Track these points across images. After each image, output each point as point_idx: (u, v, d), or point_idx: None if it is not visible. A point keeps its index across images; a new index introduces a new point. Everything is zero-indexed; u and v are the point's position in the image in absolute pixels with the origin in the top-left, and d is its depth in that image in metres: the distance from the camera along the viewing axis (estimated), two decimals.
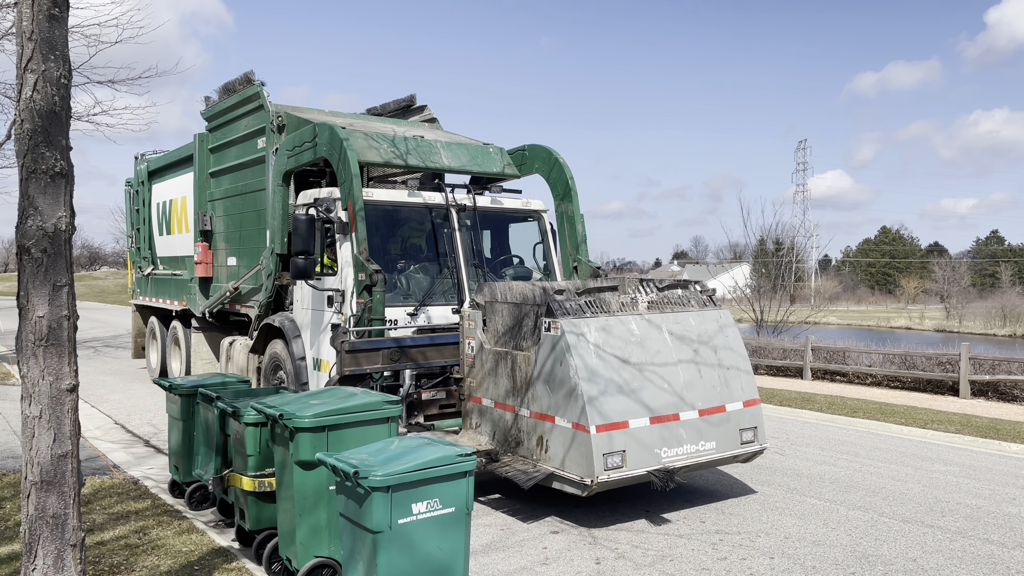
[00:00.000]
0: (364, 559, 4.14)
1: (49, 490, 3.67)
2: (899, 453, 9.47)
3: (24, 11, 3.56)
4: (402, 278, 8.57)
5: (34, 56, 3.57)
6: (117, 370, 16.35)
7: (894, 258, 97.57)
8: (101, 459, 8.46)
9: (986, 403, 13.98)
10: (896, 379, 16.00)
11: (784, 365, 17.52)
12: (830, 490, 7.72)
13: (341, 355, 7.42)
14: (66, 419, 3.71)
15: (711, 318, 7.24)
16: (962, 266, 75.54)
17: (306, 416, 4.89)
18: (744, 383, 7.11)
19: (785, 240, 34.79)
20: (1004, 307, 54.51)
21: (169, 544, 5.77)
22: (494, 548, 6.00)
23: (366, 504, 4.05)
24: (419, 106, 11.86)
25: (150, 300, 14.46)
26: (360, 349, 7.49)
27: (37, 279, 3.64)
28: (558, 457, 6.32)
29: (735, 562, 5.73)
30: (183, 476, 6.94)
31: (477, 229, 9.16)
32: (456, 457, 4.27)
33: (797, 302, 34.66)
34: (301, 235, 7.87)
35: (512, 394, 6.87)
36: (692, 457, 6.62)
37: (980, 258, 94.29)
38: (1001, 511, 7.10)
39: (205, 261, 11.63)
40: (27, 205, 3.61)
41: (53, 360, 3.67)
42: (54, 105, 3.63)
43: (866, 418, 11.92)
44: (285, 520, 5.09)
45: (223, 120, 11.13)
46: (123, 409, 11.81)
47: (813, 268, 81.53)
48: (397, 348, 7.71)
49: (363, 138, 8.70)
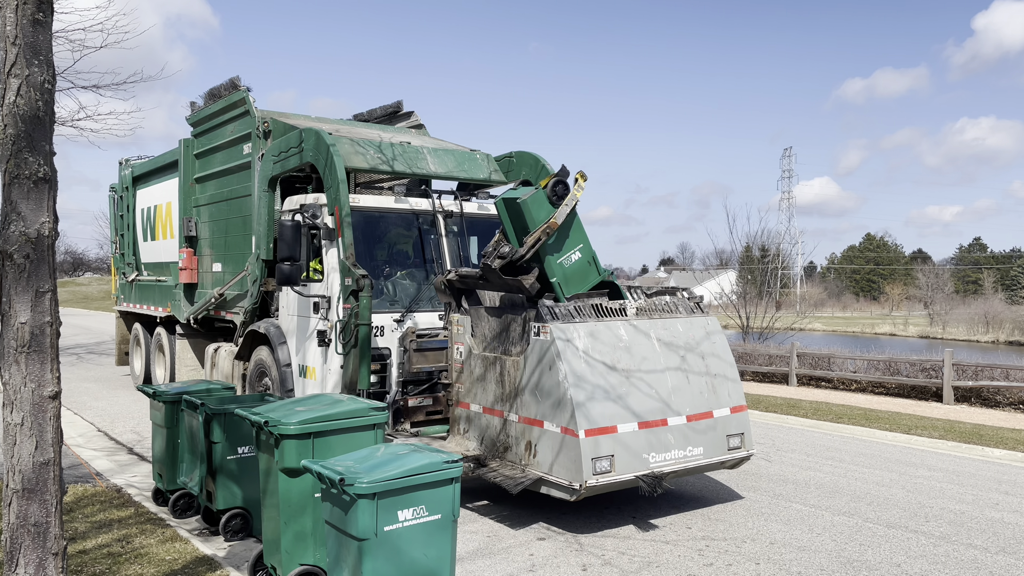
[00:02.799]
0: (350, 567, 4.12)
1: (31, 498, 3.64)
2: (883, 459, 9.53)
3: (8, 15, 3.54)
4: (388, 284, 8.56)
5: (18, 61, 3.55)
6: (100, 377, 16.21)
7: (878, 265, 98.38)
8: (84, 467, 8.38)
9: (969, 409, 14.09)
10: (880, 385, 16.11)
11: (770, 371, 17.60)
12: (815, 496, 7.75)
13: (410, 353, 8.01)
14: (48, 426, 3.68)
15: (699, 325, 7.27)
16: (945, 273, 76.34)
17: (291, 423, 4.87)
18: (731, 390, 7.14)
19: (771, 247, 35.01)
20: (987, 313, 55.10)
21: (152, 552, 5.72)
22: (481, 555, 5.99)
23: (352, 511, 4.03)
24: (406, 112, 11.87)
25: (134, 306, 14.35)
26: (427, 348, 8.08)
27: (20, 285, 3.61)
28: (547, 462, 6.32)
29: (721, 568, 5.75)
30: (167, 484, 6.89)
31: (464, 235, 9.16)
32: (442, 464, 4.26)
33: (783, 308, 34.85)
34: (287, 241, 7.84)
35: (500, 399, 6.87)
36: (680, 463, 6.64)
37: (963, 265, 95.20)
38: (984, 516, 7.16)
39: (190, 267, 11.56)
40: (10, 210, 3.59)
41: (35, 367, 3.64)
42: (38, 110, 3.60)
43: (851, 424, 11.99)
44: (270, 528, 5.06)
45: (209, 125, 11.09)
46: (106, 416, 11.71)
47: (798, 274, 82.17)
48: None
49: (349, 144, 8.69)
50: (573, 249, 7.30)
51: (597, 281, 7.51)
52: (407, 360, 8.07)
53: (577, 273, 7.33)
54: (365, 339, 7.56)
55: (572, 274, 7.29)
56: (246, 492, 6.16)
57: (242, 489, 6.17)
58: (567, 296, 7.12)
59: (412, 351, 8.05)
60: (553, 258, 7.15)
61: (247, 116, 9.94)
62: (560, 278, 7.18)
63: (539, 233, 6.94)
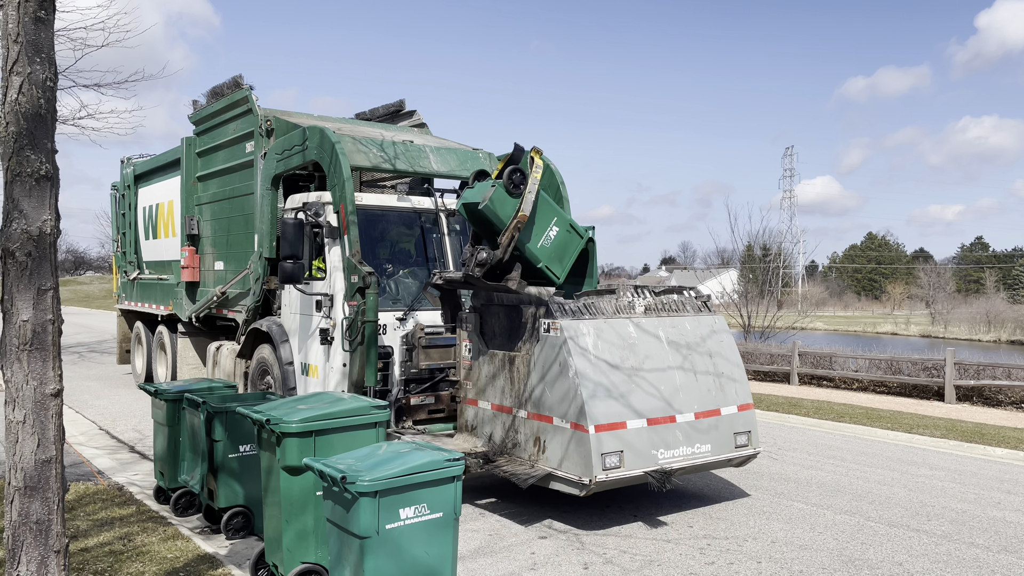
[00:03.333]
0: (351, 564, 4.12)
1: (33, 496, 3.64)
2: (885, 458, 9.52)
3: (10, 13, 3.54)
4: (391, 282, 8.55)
5: (20, 59, 3.54)
6: (102, 375, 16.22)
7: (880, 264, 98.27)
8: (85, 465, 8.39)
9: (971, 408, 14.08)
10: (882, 384, 16.10)
11: (771, 370, 17.59)
12: (817, 494, 7.75)
13: (418, 350, 7.86)
14: (50, 424, 3.68)
15: (706, 323, 7.30)
16: (947, 272, 76.19)
17: (293, 421, 4.86)
18: (738, 388, 7.17)
19: (772, 246, 34.98)
20: (989, 313, 54.99)
21: (154, 550, 5.73)
22: (482, 553, 5.99)
23: (353, 509, 4.03)
24: (408, 111, 11.86)
25: (136, 305, 14.36)
26: (435, 345, 7.94)
27: (21, 283, 3.61)
28: (556, 458, 6.35)
29: (723, 567, 5.74)
30: (168, 482, 6.89)
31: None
32: (444, 462, 4.25)
33: (784, 307, 34.82)
34: (289, 239, 7.85)
35: (509, 396, 6.89)
36: (688, 459, 6.66)
37: (965, 264, 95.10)
38: (986, 515, 7.15)
39: (192, 265, 11.57)
40: (12, 208, 3.59)
41: (37, 365, 3.64)
42: (39, 108, 3.60)
43: (852, 423, 11.98)
44: (271, 526, 5.06)
45: (211, 124, 11.09)
46: (108, 415, 11.72)
47: (800, 274, 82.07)
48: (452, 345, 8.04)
49: (352, 142, 8.69)
50: (549, 227, 7.20)
51: (582, 245, 7.53)
52: (416, 356, 7.97)
53: (560, 246, 7.30)
54: (372, 336, 7.55)
55: (555, 250, 7.25)
56: (247, 490, 6.16)
57: (243, 487, 6.17)
58: (559, 274, 7.13)
59: (420, 347, 7.97)
60: (533, 244, 7.07)
61: (250, 114, 9.94)
62: (546, 260, 7.14)
63: (511, 231, 6.87)
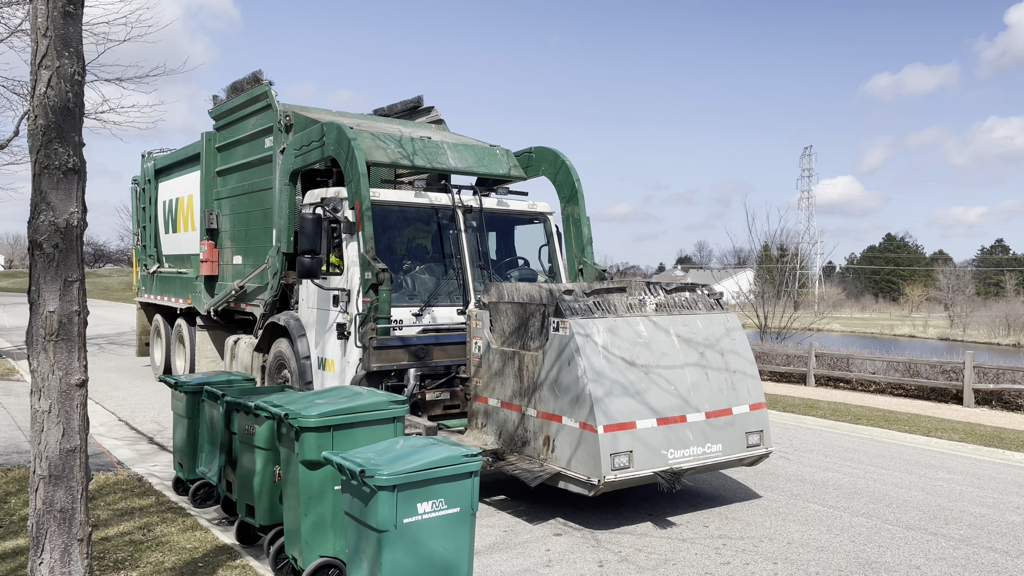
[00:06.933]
0: (369, 558, 4.15)
1: (57, 484, 3.69)
2: (903, 460, 9.46)
3: (39, 7, 3.58)
4: (407, 278, 8.58)
5: (48, 52, 3.58)
6: (121, 367, 16.38)
7: (898, 265, 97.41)
8: (106, 455, 8.48)
9: (990, 412, 13.94)
10: (900, 387, 15.97)
11: (787, 371, 17.49)
12: (833, 496, 7.71)
13: (369, 351, 7.59)
14: (75, 414, 3.73)
15: (718, 321, 7.25)
16: (967, 274, 75.33)
17: (312, 416, 4.90)
18: (750, 387, 7.12)
19: (789, 246, 34.78)
20: (1008, 316, 54.38)
21: (173, 541, 5.79)
22: (498, 548, 6.01)
23: (372, 503, 4.05)
24: (426, 107, 11.88)
25: (155, 298, 14.49)
26: (389, 346, 7.67)
27: (48, 274, 3.65)
28: (565, 457, 6.33)
29: (738, 567, 5.73)
30: (187, 473, 6.95)
31: (483, 230, 9.16)
32: (462, 457, 4.27)
33: (801, 308, 34.62)
34: (307, 234, 7.89)
35: (519, 394, 6.88)
36: (698, 459, 6.62)
37: (985, 267, 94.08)
38: (1005, 520, 7.09)
39: (211, 259, 11.65)
40: (40, 200, 3.63)
41: (63, 355, 3.68)
42: (67, 101, 3.64)
43: (870, 425, 11.90)
44: (290, 518, 5.10)
45: (231, 119, 11.16)
46: (127, 406, 11.84)
47: (817, 275, 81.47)
48: (423, 345, 7.89)
49: (370, 138, 8.72)
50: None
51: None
52: (366, 357, 7.61)
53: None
54: (384, 331, 7.59)
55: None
56: None
57: None
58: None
59: (372, 348, 7.57)
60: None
61: (269, 110, 10.00)
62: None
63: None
